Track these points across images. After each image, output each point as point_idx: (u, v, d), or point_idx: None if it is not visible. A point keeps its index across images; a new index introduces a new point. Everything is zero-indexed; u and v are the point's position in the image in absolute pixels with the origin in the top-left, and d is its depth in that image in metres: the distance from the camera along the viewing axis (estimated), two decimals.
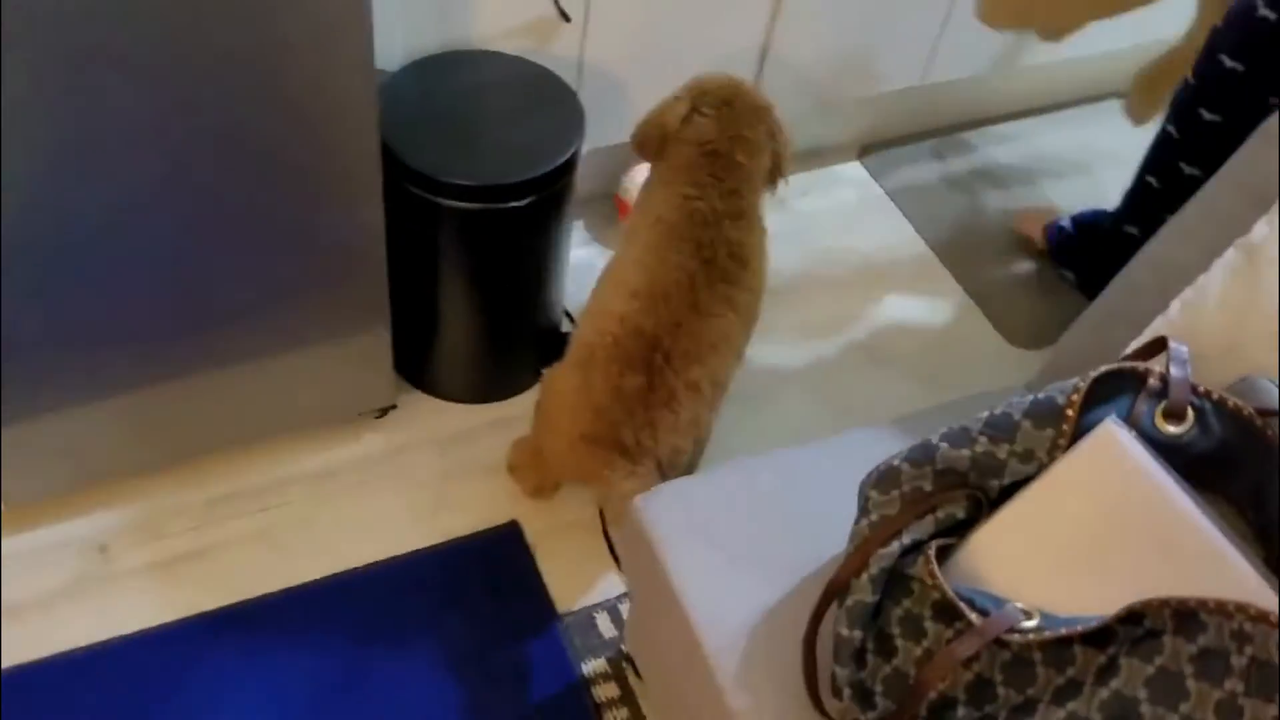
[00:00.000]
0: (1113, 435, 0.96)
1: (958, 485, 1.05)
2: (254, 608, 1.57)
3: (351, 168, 1.38)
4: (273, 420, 1.67)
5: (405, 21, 1.63)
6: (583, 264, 2.09)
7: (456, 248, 1.62)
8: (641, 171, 2.04)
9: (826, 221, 2.28)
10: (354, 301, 1.55)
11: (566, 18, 1.74)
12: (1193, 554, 0.91)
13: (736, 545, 1.22)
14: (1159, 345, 1.03)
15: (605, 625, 1.62)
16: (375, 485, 1.73)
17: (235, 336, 1.51)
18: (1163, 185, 1.84)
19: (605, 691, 1.55)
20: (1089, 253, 2.08)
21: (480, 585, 1.63)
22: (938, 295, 2.17)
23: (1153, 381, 1.00)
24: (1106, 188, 2.34)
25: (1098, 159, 2.46)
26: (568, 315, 1.99)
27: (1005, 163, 2.43)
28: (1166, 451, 0.97)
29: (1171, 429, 0.98)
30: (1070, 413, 0.99)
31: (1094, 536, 0.95)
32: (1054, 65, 2.41)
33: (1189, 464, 0.97)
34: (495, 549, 1.67)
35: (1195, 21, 1.94)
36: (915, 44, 2.15)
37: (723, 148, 1.52)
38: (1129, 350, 1.13)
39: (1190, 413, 0.98)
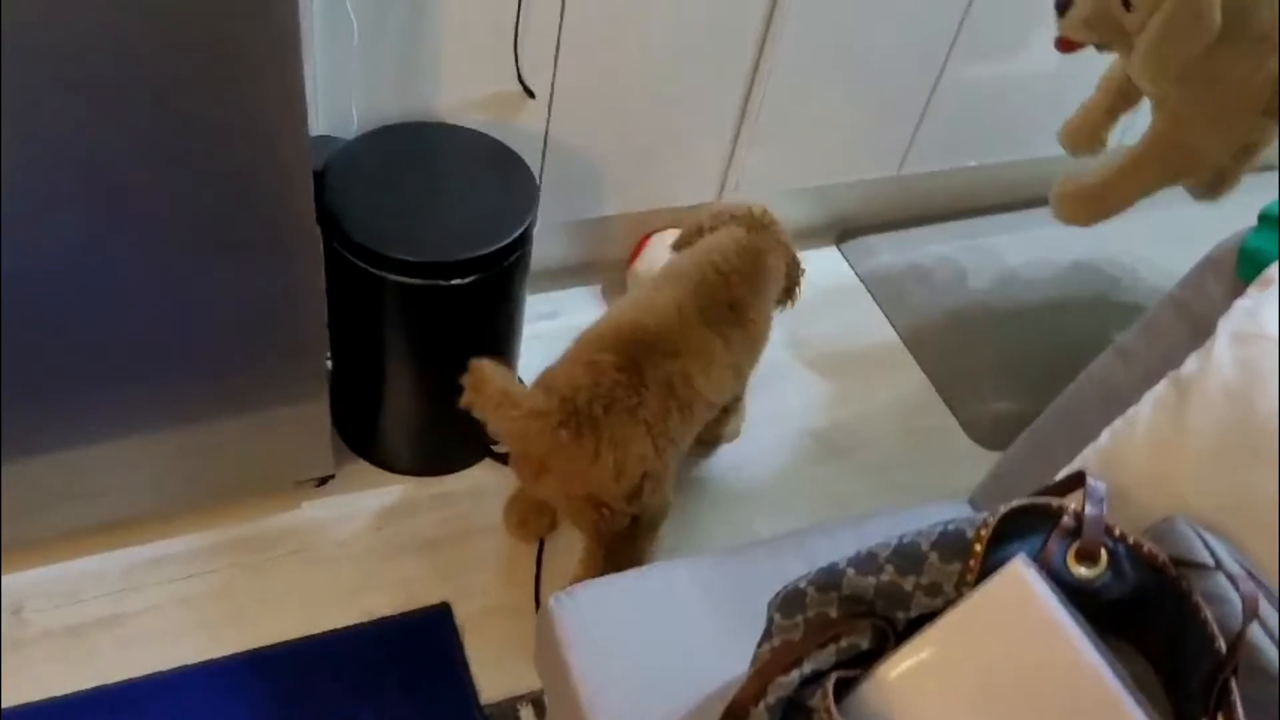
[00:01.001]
0: (1020, 576, 0.92)
1: (864, 614, 1.00)
2: (162, 682, 1.52)
3: (286, 238, 1.36)
4: (206, 485, 1.63)
5: (364, 90, 1.62)
6: (546, 336, 2.06)
7: (399, 322, 1.59)
8: (647, 261, 2.02)
9: (798, 305, 2.25)
10: (291, 371, 1.52)
11: (530, 93, 1.73)
12: (1093, 707, 0.86)
13: (648, 656, 1.17)
14: (1079, 480, 0.99)
15: (529, 718, 1.56)
16: (307, 557, 1.69)
17: (168, 399, 1.48)
18: None
19: None
20: None
21: (402, 670, 1.58)
22: (904, 387, 2.13)
23: (1067, 520, 0.95)
24: (1080, 286, 2.32)
25: (1071, 257, 2.43)
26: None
27: (982, 256, 2.40)
28: (1078, 595, 0.93)
29: (1083, 572, 0.94)
30: (978, 548, 0.94)
31: (996, 681, 0.91)
32: (1030, 163, 2.39)
33: (1101, 610, 0.93)
34: (422, 631, 1.62)
35: (1146, 138, 1.89)
36: (893, 134, 2.14)
37: (748, 248, 1.61)
38: (1061, 476, 1.09)
39: (1104, 555, 0.94)
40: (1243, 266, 1.13)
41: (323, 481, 1.76)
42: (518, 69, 1.69)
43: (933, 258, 2.38)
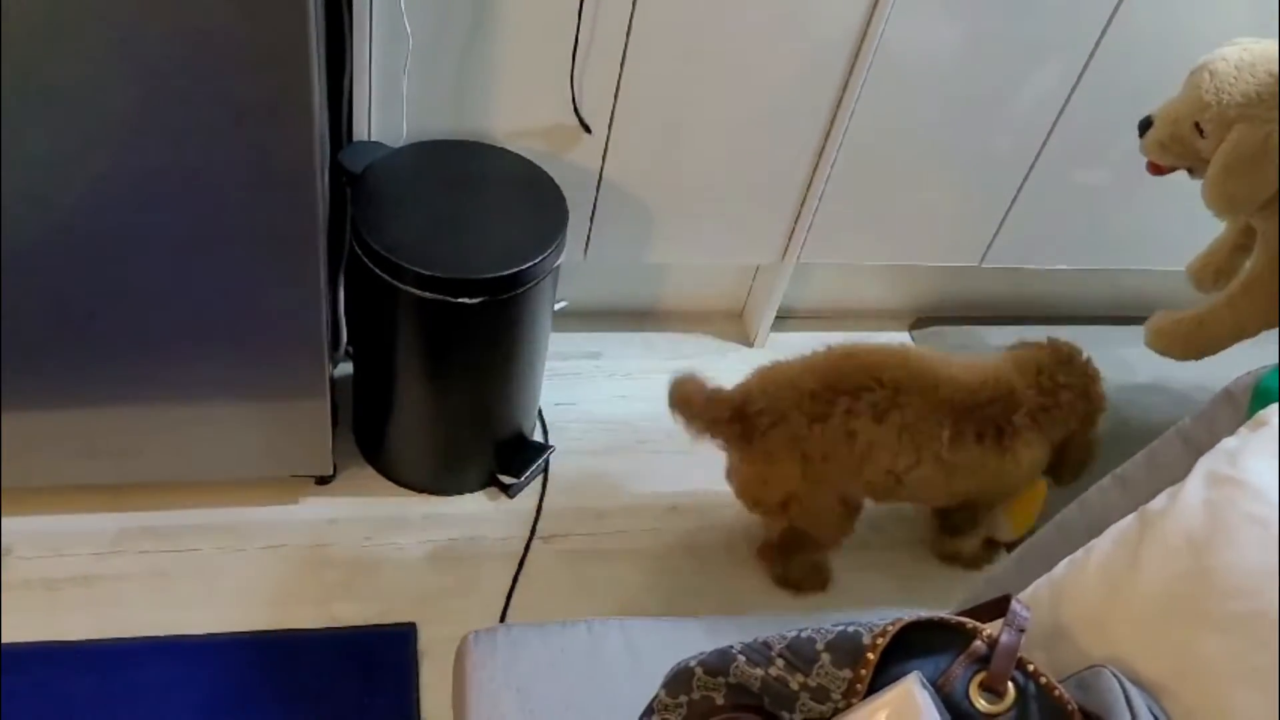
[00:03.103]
0: (910, 697, 0.83)
1: (750, 707, 0.93)
2: (120, 649, 1.53)
3: (291, 239, 1.36)
4: (205, 464, 1.65)
5: (417, 102, 1.63)
6: (586, 374, 2.04)
7: (410, 333, 1.58)
8: None
9: None
10: (291, 368, 1.53)
11: (587, 129, 1.71)
12: None
13: (547, 711, 1.12)
14: (1004, 603, 0.90)
15: None
16: (292, 552, 1.68)
17: (173, 376, 1.51)
18: None
19: None
20: None
21: (355, 682, 1.55)
22: None
23: (979, 644, 0.86)
24: (1153, 411, 2.16)
25: (1148, 379, 2.27)
26: (541, 424, 1.93)
27: None
28: None
29: (985, 705, 0.84)
30: (870, 657, 0.86)
31: None
32: (1113, 274, 2.26)
33: None
34: (383, 647, 1.60)
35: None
36: (978, 225, 2.04)
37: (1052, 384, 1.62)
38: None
39: (1012, 691, 0.85)
40: (1256, 404, 1.02)
41: (323, 480, 1.77)
42: (574, 102, 1.67)
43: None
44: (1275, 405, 0.93)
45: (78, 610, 1.56)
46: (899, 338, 2.29)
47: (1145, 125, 1.67)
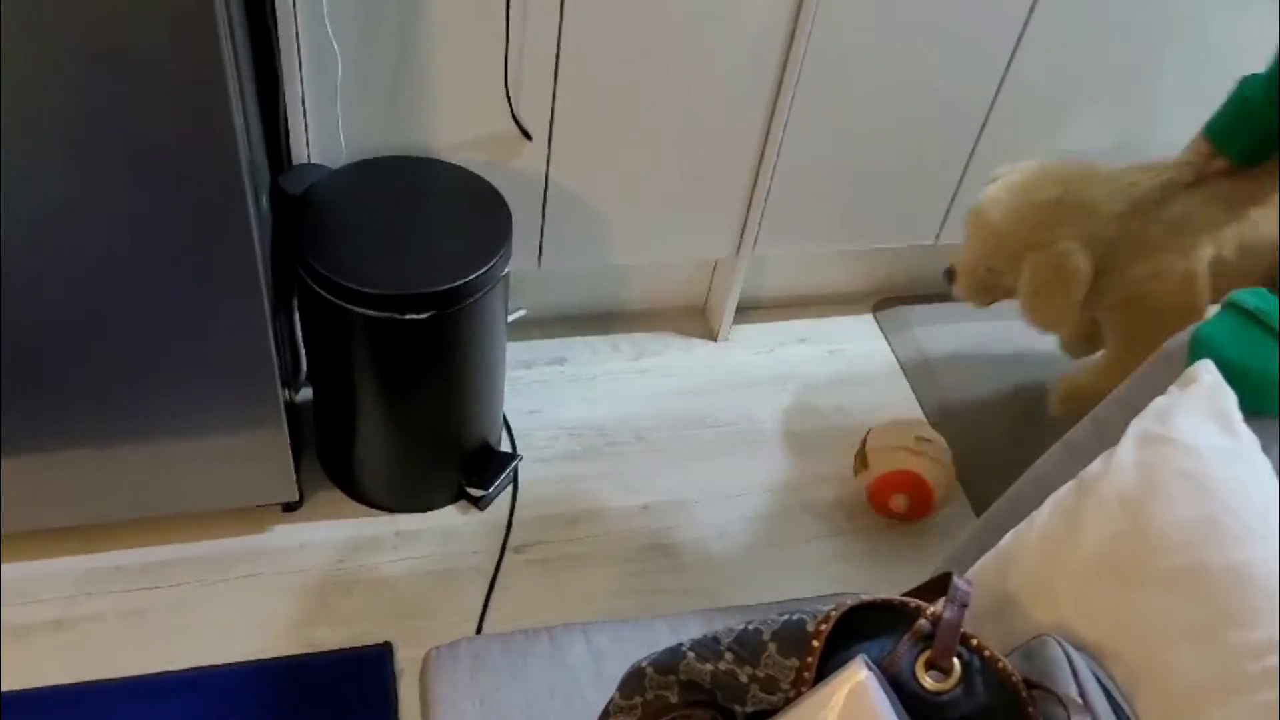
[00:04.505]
0: (857, 681, 0.83)
1: (704, 703, 0.92)
2: (97, 690, 1.52)
3: (229, 270, 1.36)
4: (168, 500, 1.64)
5: (354, 121, 1.63)
6: (552, 381, 2.03)
7: (362, 353, 1.58)
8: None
9: (822, 373, 2.16)
10: (245, 395, 1.52)
11: (527, 135, 1.71)
12: None
13: None
14: (946, 580, 0.89)
15: None
16: (263, 582, 1.68)
17: (126, 414, 1.50)
18: None
19: None
20: None
21: (334, 706, 1.54)
22: None
23: (922, 622, 0.86)
24: None
25: None
26: (509, 433, 1.93)
27: (1018, 334, 2.26)
28: (921, 706, 0.83)
29: (931, 683, 0.84)
30: (815, 644, 0.86)
31: None
32: None
33: None
34: (360, 669, 1.59)
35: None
36: (930, 204, 2.04)
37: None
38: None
39: (958, 667, 0.84)
40: (1194, 356, 1.02)
41: (290, 507, 1.76)
42: (511, 110, 1.67)
43: (968, 334, 2.26)
44: (1203, 362, 0.93)
45: (52, 656, 1.56)
46: (863, 321, 2.29)
47: (949, 277, 1.72)
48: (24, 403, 1.43)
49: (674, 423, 2.00)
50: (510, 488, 1.84)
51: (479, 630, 1.65)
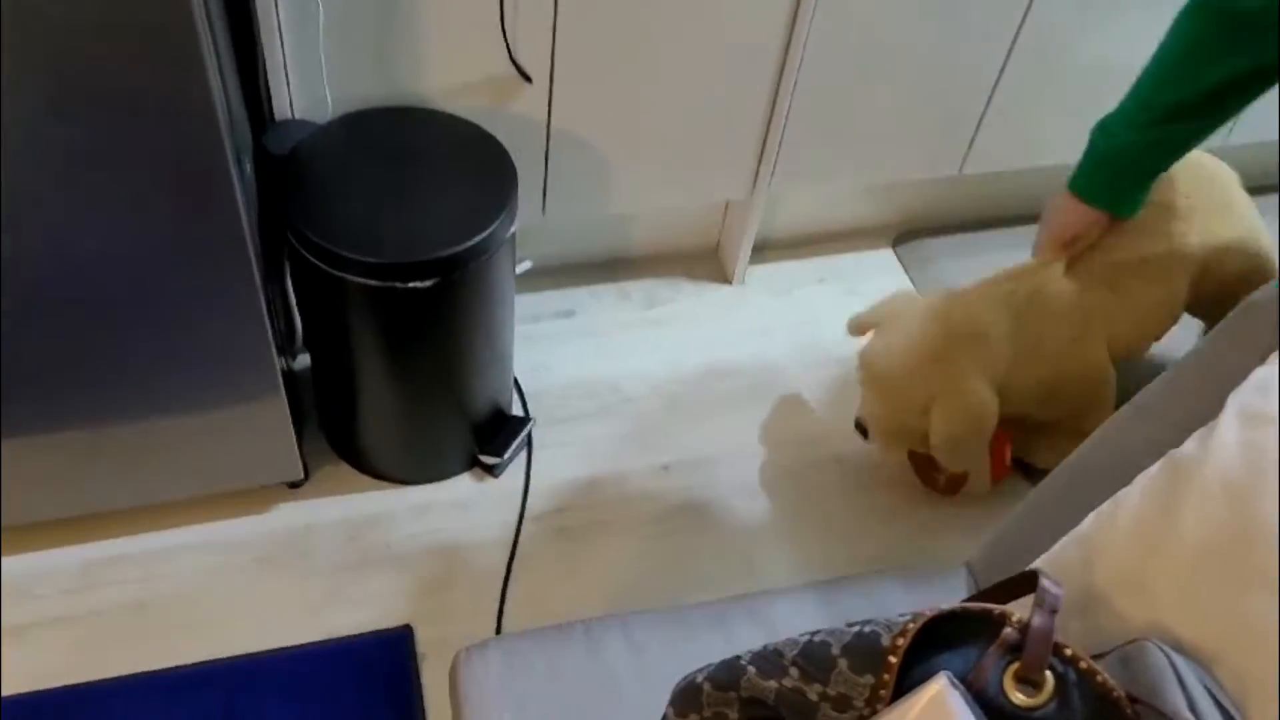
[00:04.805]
0: (941, 700, 0.75)
1: (768, 719, 0.85)
2: (104, 689, 1.45)
3: (215, 238, 1.25)
4: (168, 483, 1.56)
5: (340, 72, 1.51)
6: (561, 335, 1.93)
7: (362, 323, 1.48)
8: None
9: (842, 315, 2.06)
10: (241, 370, 1.43)
11: (527, 77, 1.59)
12: None
13: None
14: (1030, 580, 0.81)
15: None
16: (272, 565, 1.60)
17: (119, 396, 1.41)
18: None
19: None
20: None
21: (355, 696, 1.48)
22: None
23: (1009, 631, 0.78)
24: None
25: None
26: (520, 395, 1.84)
27: None
28: None
29: (1022, 698, 0.76)
30: (892, 660, 0.78)
31: None
32: None
33: None
34: (378, 655, 1.52)
35: None
36: (954, 134, 1.92)
37: None
38: (1036, 565, 0.91)
39: (1050, 681, 0.76)
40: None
41: (296, 485, 1.67)
42: (509, 50, 1.55)
43: (993, 266, 2.16)
44: None
45: (54, 655, 1.48)
46: (882, 256, 2.18)
47: (863, 433, 1.66)
48: (11, 383, 1.34)
49: (691, 375, 1.91)
50: (525, 453, 1.76)
51: (500, 609, 1.57)
